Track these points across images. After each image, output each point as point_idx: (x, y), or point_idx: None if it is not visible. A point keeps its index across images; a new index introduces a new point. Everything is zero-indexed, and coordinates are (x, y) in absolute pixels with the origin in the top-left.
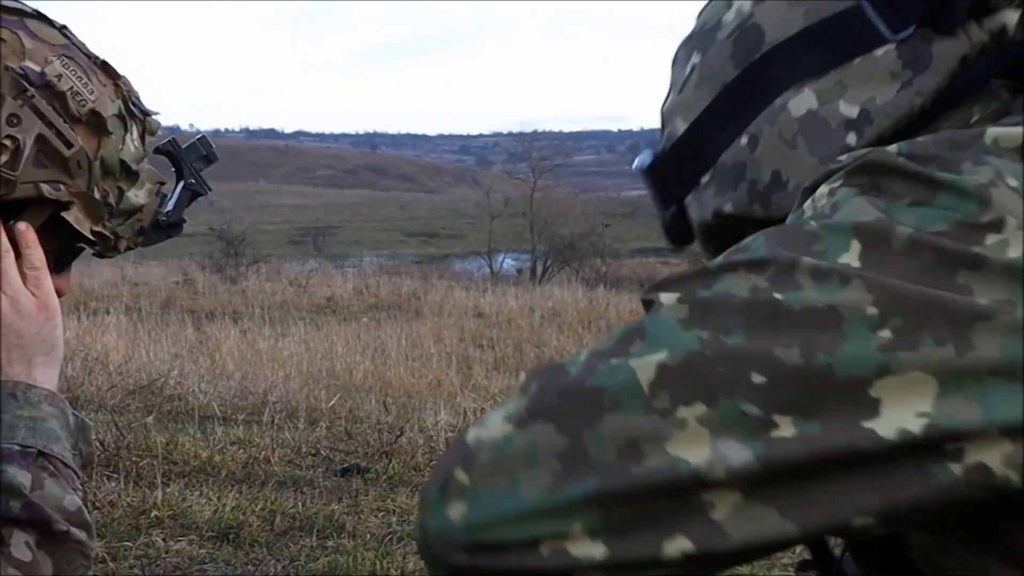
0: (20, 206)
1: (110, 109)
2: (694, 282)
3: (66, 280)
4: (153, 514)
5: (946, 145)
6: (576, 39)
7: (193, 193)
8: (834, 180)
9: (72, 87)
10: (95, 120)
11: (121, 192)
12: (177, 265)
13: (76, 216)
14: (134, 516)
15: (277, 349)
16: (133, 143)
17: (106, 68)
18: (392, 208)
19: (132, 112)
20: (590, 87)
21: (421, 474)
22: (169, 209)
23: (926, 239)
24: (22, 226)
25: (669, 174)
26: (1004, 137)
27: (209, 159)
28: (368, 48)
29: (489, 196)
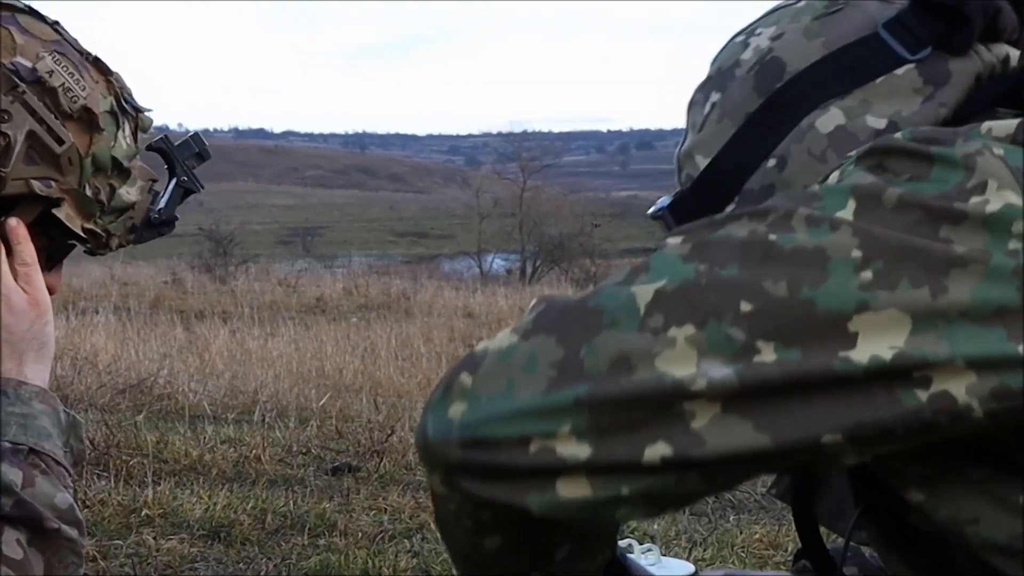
0: (11, 203)
1: (102, 106)
2: (701, 230)
3: (57, 277)
4: (144, 512)
5: (948, 132)
6: (566, 39)
7: (185, 190)
8: (846, 165)
9: (63, 83)
10: (87, 117)
11: (113, 189)
12: (166, 265)
13: (67, 213)
14: (124, 514)
15: (266, 349)
16: (125, 140)
17: (98, 64)
18: (381, 208)
19: (124, 109)
20: (580, 88)
21: (413, 473)
22: (161, 207)
23: (914, 197)
24: (13, 222)
25: (692, 210)
26: (997, 127)
27: (202, 156)
28: (357, 48)
29: (478, 196)
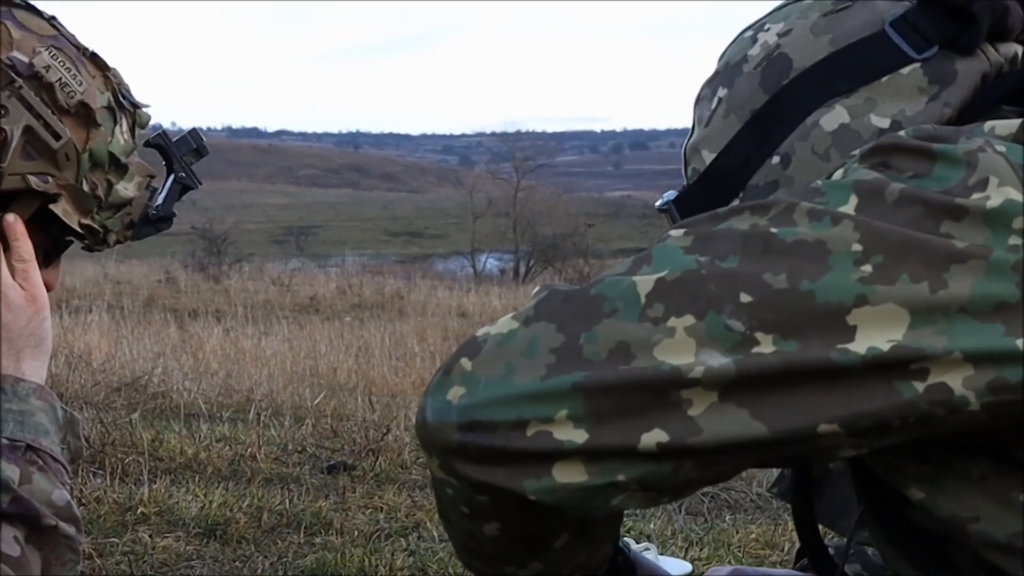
0: (7, 198)
1: (99, 101)
2: (704, 223)
3: (55, 274)
4: (139, 511)
5: (950, 130)
6: (560, 39)
7: (183, 187)
8: (850, 164)
9: (60, 78)
10: (84, 112)
11: (110, 185)
12: (159, 264)
13: (64, 209)
14: (120, 512)
15: (260, 348)
16: (123, 136)
17: (95, 60)
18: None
19: (122, 104)
20: (574, 87)
21: (408, 472)
22: (159, 203)
23: (915, 192)
24: (10, 218)
25: (697, 204)
26: (1000, 126)
27: (200, 152)
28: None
29: (472, 196)
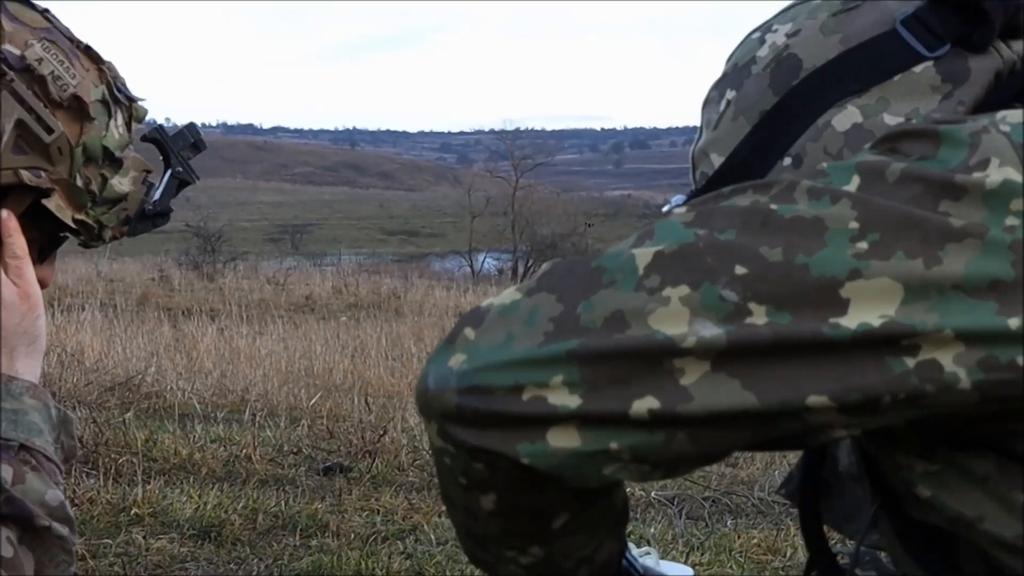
0: (0, 193)
1: (93, 95)
2: (708, 201)
3: (50, 271)
4: (133, 511)
5: (958, 116)
6: (560, 36)
7: (181, 182)
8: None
9: (53, 71)
10: (77, 105)
11: (104, 180)
12: (153, 261)
13: (57, 204)
14: (114, 513)
15: (255, 347)
16: (117, 129)
17: (90, 53)
18: (371, 206)
19: (117, 98)
20: (573, 85)
21: (405, 474)
22: (156, 198)
23: (917, 171)
24: (4, 214)
25: None
26: (1012, 113)
27: (197, 147)
28: (347, 43)
29: (470, 195)
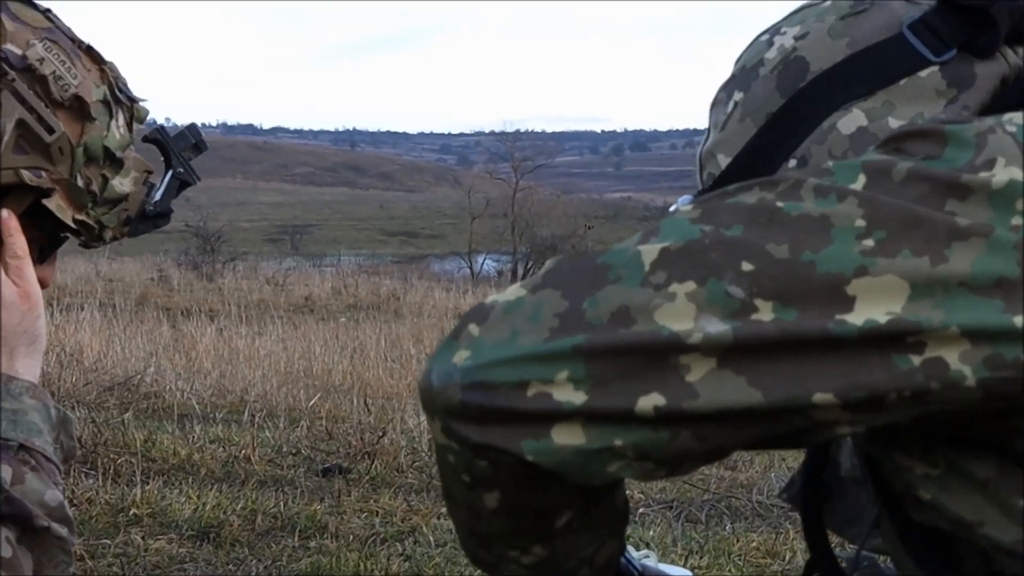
0: (1, 193)
1: (94, 95)
2: (714, 198)
3: (50, 270)
4: (132, 512)
5: (965, 116)
6: (561, 37)
7: (182, 182)
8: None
9: (54, 71)
10: (78, 105)
11: (105, 180)
12: (152, 261)
13: (58, 204)
14: (112, 514)
15: (254, 348)
16: (118, 130)
17: (91, 53)
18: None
19: (118, 98)
20: (574, 87)
21: (404, 475)
22: (157, 199)
23: (923, 171)
24: (4, 214)
25: None
26: (1017, 115)
27: (199, 148)
28: (347, 43)
29: (470, 196)
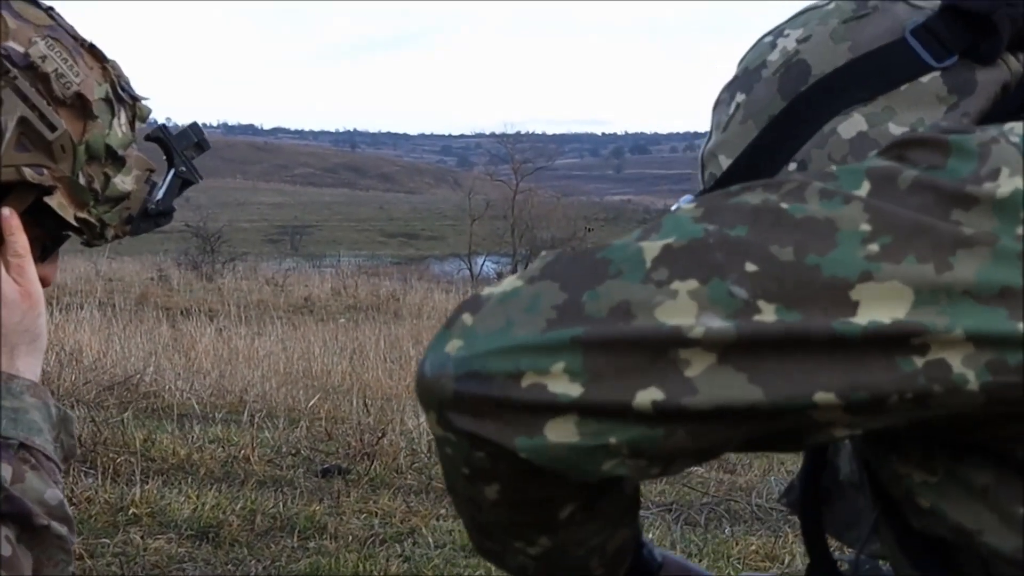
0: (2, 191)
1: (96, 93)
2: (716, 198)
3: (52, 268)
4: (131, 511)
5: (966, 126)
6: (562, 39)
7: (184, 181)
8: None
9: (56, 69)
10: (80, 103)
11: (107, 178)
12: (152, 261)
13: (59, 201)
14: (112, 513)
15: (253, 348)
16: (120, 128)
17: (94, 51)
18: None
19: (120, 97)
20: (575, 89)
21: (403, 476)
22: (159, 197)
23: (928, 179)
24: (6, 212)
25: None
26: (1019, 124)
27: (201, 147)
28: (349, 45)
29: (470, 198)
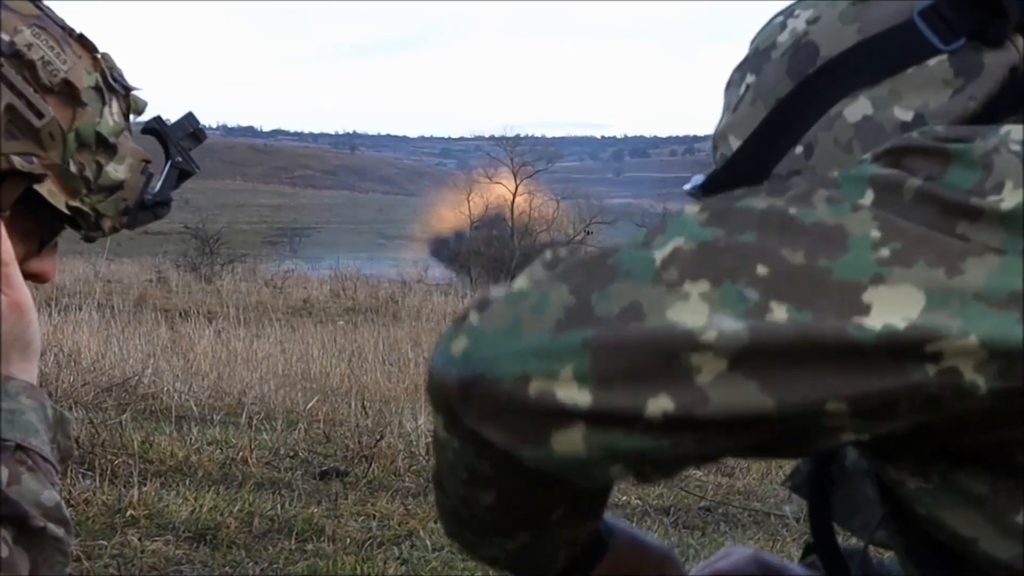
0: None
1: (85, 81)
2: (720, 201)
3: (51, 263)
4: (129, 513)
5: (966, 129)
6: (562, 42)
7: (181, 172)
8: (864, 163)
9: (43, 56)
10: (68, 90)
11: (99, 166)
12: (150, 263)
13: (50, 189)
14: (109, 515)
15: (252, 350)
16: (112, 116)
17: (83, 41)
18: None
19: (111, 86)
20: (574, 91)
21: (401, 479)
22: (156, 188)
23: (931, 191)
24: None
25: (724, 190)
26: (1016, 130)
27: (197, 137)
28: (349, 47)
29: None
